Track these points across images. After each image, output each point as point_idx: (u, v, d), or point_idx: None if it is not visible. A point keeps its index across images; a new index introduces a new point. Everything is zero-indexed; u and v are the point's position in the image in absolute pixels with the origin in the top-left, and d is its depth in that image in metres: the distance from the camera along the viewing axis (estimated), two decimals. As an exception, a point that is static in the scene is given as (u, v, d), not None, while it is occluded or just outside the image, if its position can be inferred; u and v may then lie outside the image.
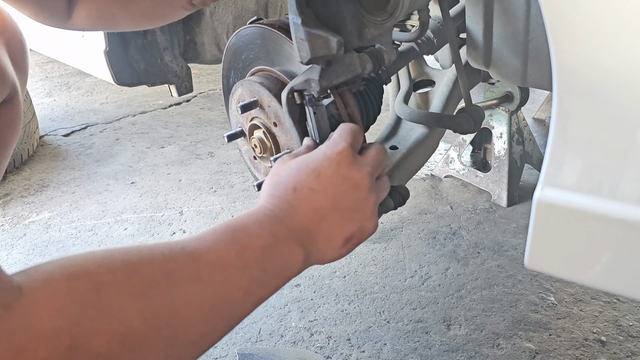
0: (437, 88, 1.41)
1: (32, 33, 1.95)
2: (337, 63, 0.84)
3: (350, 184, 0.70)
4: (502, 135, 1.98)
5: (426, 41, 1.20)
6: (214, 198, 2.10)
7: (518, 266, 1.62)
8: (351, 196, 0.70)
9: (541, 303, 1.47)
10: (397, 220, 1.89)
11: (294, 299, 1.51)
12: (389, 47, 0.93)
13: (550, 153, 0.51)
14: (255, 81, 0.99)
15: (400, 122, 1.34)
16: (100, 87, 3.61)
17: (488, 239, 1.77)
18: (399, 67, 1.21)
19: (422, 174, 2.23)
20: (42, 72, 4.08)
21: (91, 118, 3.04)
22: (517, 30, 1.08)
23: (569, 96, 0.49)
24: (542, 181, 0.53)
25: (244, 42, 1.06)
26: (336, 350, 1.33)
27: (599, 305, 1.45)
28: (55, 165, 2.42)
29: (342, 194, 0.69)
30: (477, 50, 1.18)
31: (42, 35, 1.88)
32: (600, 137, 0.49)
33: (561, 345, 1.33)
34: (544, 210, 0.52)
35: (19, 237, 1.85)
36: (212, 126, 2.87)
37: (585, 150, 0.49)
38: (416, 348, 1.33)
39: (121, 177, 2.30)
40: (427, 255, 1.69)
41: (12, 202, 2.09)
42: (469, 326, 1.40)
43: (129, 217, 1.97)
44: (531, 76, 1.11)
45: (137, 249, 0.54)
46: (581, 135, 0.50)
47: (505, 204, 1.95)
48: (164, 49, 1.64)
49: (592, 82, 0.48)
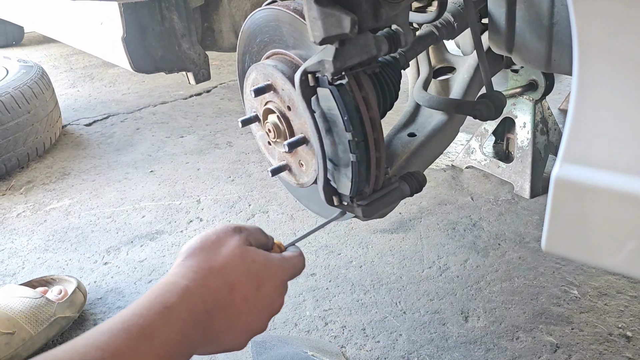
0: (457, 75, 1.37)
1: (53, 22, 1.96)
2: (352, 43, 0.82)
3: (272, 310, 0.74)
4: (526, 124, 1.93)
5: (446, 25, 1.17)
6: (232, 187, 2.10)
7: (540, 258, 1.58)
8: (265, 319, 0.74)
9: (564, 296, 1.43)
10: (415, 211, 1.86)
11: (309, 288, 1.49)
12: (406, 28, 0.90)
13: (570, 127, 0.48)
14: (269, 64, 0.97)
15: (419, 108, 1.31)
16: (123, 78, 3.64)
17: (509, 231, 1.73)
18: (418, 51, 1.17)
19: (442, 165, 2.19)
20: (66, 63, 4.13)
21: (113, 108, 3.06)
22: (542, 13, 1.04)
23: (590, 65, 0.46)
24: (561, 158, 0.50)
25: (259, 25, 1.04)
26: (350, 340, 1.31)
27: (625, 300, 1.40)
28: (77, 153, 2.45)
29: (264, 315, 0.73)
30: (499, 35, 1.14)
31: (63, 23, 1.89)
32: (624, 109, 0.45)
33: (584, 340, 1.28)
34: (562, 189, 0.49)
35: (40, 224, 1.88)
36: (231, 116, 2.87)
37: (608, 124, 0.46)
38: (432, 339, 1.30)
39: (140, 165, 2.32)
40: (445, 246, 1.66)
41: (34, 189, 2.12)
42: (488, 318, 1.36)
43: (147, 205, 1.98)
44: (556, 61, 1.07)
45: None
46: (604, 107, 0.47)
47: (528, 196, 1.90)
48: (182, 36, 1.64)
49: (615, 50, 0.45)
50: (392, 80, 1.05)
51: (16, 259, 1.68)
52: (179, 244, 1.73)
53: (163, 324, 0.59)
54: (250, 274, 0.70)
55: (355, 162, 0.86)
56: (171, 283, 0.65)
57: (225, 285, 0.68)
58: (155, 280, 1.56)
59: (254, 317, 0.71)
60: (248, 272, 0.70)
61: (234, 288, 0.68)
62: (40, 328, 1.29)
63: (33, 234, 1.81)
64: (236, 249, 0.71)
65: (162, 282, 0.65)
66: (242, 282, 0.69)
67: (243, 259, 0.70)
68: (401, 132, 1.26)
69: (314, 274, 1.55)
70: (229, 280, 0.68)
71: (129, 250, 1.70)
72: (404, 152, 1.20)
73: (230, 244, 0.71)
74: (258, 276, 0.71)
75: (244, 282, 0.69)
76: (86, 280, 1.56)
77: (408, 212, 1.85)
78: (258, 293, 0.70)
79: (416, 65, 1.40)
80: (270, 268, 0.73)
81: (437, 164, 2.18)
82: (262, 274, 0.71)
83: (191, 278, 0.66)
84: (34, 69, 2.46)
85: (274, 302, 0.74)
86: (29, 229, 1.85)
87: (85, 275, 1.59)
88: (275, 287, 0.73)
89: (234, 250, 0.71)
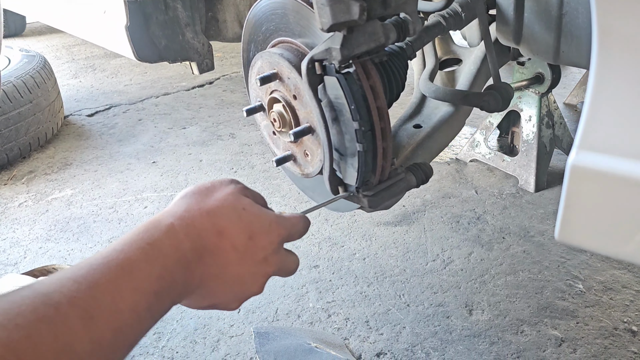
0: (464, 66, 1.35)
1: (55, 11, 1.95)
2: (360, 31, 0.80)
3: (264, 268, 0.68)
4: (531, 118, 1.91)
5: (453, 15, 1.15)
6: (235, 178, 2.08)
7: (545, 252, 1.57)
8: (256, 277, 0.68)
9: (569, 290, 1.42)
10: (419, 204, 1.85)
11: (312, 280, 1.49)
12: (414, 16, 0.88)
13: (588, 114, 0.47)
14: (275, 52, 0.96)
15: (425, 100, 1.29)
16: (125, 69, 3.63)
17: (514, 224, 1.72)
18: (425, 42, 1.16)
19: (446, 158, 2.17)
20: (69, 54, 4.12)
21: (115, 99, 3.05)
22: (551, 4, 1.03)
23: (610, 52, 0.44)
24: (577, 145, 0.48)
25: (265, 12, 1.03)
26: (354, 332, 1.30)
27: (631, 294, 1.39)
28: (79, 144, 2.44)
29: (253, 270, 0.68)
30: (507, 26, 1.13)
31: (65, 12, 1.87)
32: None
33: (589, 334, 1.28)
34: (579, 177, 0.48)
35: (42, 213, 1.87)
36: (234, 108, 2.86)
37: (627, 110, 0.45)
38: (436, 332, 1.30)
39: (143, 156, 2.30)
40: (449, 239, 1.65)
41: (36, 179, 2.11)
42: (492, 312, 1.36)
43: (149, 196, 1.97)
44: (564, 53, 1.06)
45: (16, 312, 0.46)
46: (622, 94, 0.45)
47: (532, 189, 1.89)
48: (186, 26, 1.62)
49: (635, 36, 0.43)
50: (399, 70, 1.03)
51: (18, 248, 1.67)
52: (181, 235, 1.72)
53: (144, 259, 0.57)
54: (241, 221, 0.66)
55: (362, 152, 0.85)
56: (157, 220, 0.62)
57: (213, 227, 0.64)
58: (157, 271, 1.55)
59: (245, 269, 0.67)
60: (239, 220, 0.66)
61: (222, 233, 0.64)
62: (42, 317, 1.29)
63: (35, 224, 1.81)
64: (229, 196, 0.67)
65: (147, 221, 0.62)
66: (231, 229, 0.65)
67: (234, 206, 0.66)
68: (407, 124, 1.25)
69: (317, 266, 1.55)
70: (218, 223, 0.64)
71: (131, 240, 1.69)
72: (410, 144, 1.19)
73: (224, 190, 0.68)
74: (250, 225, 0.66)
75: (234, 229, 0.65)
76: (88, 271, 1.55)
77: (412, 205, 1.84)
78: (249, 243, 0.66)
79: (422, 56, 1.38)
80: (264, 220, 0.68)
81: (441, 157, 2.17)
82: (254, 223, 0.67)
83: (178, 216, 0.63)
84: (36, 59, 2.44)
85: (267, 258, 0.68)
86: (30, 218, 1.84)
87: (87, 266, 1.58)
88: (270, 242, 0.68)
89: (227, 196, 0.67)
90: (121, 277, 0.54)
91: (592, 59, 0.46)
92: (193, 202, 0.66)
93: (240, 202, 0.67)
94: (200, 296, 0.65)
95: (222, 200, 0.66)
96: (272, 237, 0.68)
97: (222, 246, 0.64)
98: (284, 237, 0.70)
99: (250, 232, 0.66)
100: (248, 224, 0.66)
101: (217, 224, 0.64)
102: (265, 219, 0.68)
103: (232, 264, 0.65)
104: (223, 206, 0.66)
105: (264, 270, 0.68)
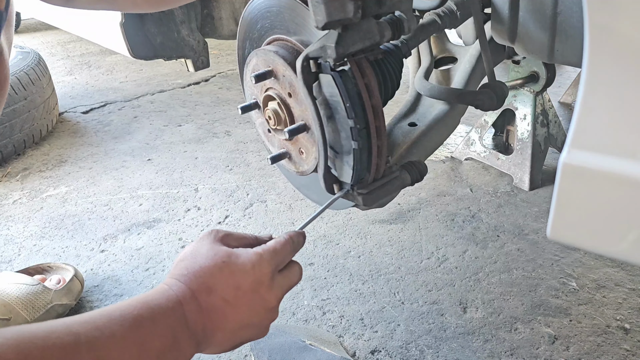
0: (459, 65, 1.36)
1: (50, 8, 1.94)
2: (355, 29, 0.81)
3: (264, 305, 0.72)
4: (526, 116, 1.92)
5: (449, 13, 1.15)
6: (230, 176, 2.09)
7: (539, 250, 1.58)
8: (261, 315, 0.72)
9: (562, 288, 1.43)
10: (414, 202, 1.85)
11: (307, 277, 1.49)
12: (410, 14, 0.89)
13: (579, 112, 0.47)
14: (270, 50, 0.96)
15: (420, 98, 1.30)
16: (120, 66, 3.62)
17: (508, 223, 1.72)
18: (420, 40, 1.16)
19: (441, 156, 2.18)
20: (63, 51, 4.10)
21: (110, 96, 3.04)
22: (545, 2, 1.03)
23: (601, 49, 0.45)
24: (569, 143, 0.49)
25: (260, 10, 1.03)
26: (348, 330, 1.31)
27: (623, 292, 1.40)
28: (74, 141, 2.43)
29: (254, 313, 0.72)
30: (502, 25, 1.13)
31: (60, 9, 1.86)
32: (635, 94, 0.44)
33: (582, 332, 1.28)
34: (570, 175, 0.48)
35: (36, 211, 1.86)
36: (229, 105, 2.85)
37: (619, 109, 0.45)
38: (431, 330, 1.30)
39: (138, 154, 2.30)
40: (444, 237, 1.66)
41: (30, 176, 2.10)
42: (486, 309, 1.36)
43: (145, 193, 1.97)
44: (559, 51, 1.06)
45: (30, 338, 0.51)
46: (614, 92, 0.46)
47: (527, 188, 1.90)
48: (181, 23, 1.62)
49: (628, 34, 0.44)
50: (394, 68, 1.04)
51: (12, 245, 1.67)
52: (176, 232, 1.72)
53: (149, 318, 0.62)
54: (224, 275, 0.70)
55: (357, 150, 0.85)
56: (157, 292, 0.67)
57: (202, 287, 0.69)
58: (152, 268, 1.55)
59: (245, 315, 0.70)
60: (221, 273, 0.70)
61: (211, 290, 0.69)
62: (36, 315, 1.29)
63: (29, 221, 1.80)
64: (209, 252, 0.72)
65: (155, 289, 0.68)
66: (217, 285, 0.69)
67: (215, 262, 0.70)
68: (402, 122, 1.26)
69: (312, 264, 1.55)
70: (206, 282, 0.69)
71: (126, 238, 1.69)
72: (405, 142, 1.19)
73: (204, 247, 0.73)
74: (233, 276, 0.70)
75: (220, 284, 0.69)
76: (83, 268, 1.55)
77: (407, 203, 1.85)
78: (238, 293, 0.70)
79: (417, 55, 1.39)
80: (246, 265, 0.71)
81: (436, 156, 2.18)
82: (237, 273, 0.70)
83: (175, 286, 0.68)
84: (31, 55, 2.43)
85: (264, 296, 0.72)
86: (25, 215, 1.83)
87: (81, 263, 1.58)
88: (259, 283, 0.71)
89: (207, 252, 0.71)
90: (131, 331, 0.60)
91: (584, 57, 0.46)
92: (183, 267, 0.71)
93: (219, 256, 0.71)
94: (218, 345, 0.71)
95: (205, 259, 0.71)
96: (258, 276, 0.71)
97: (214, 302, 0.68)
98: (273, 269, 0.74)
99: (236, 283, 0.70)
100: (230, 276, 0.70)
101: (204, 283, 0.69)
102: (247, 264, 0.71)
103: (230, 315, 0.69)
104: (206, 265, 0.70)
105: (266, 306, 0.72)
